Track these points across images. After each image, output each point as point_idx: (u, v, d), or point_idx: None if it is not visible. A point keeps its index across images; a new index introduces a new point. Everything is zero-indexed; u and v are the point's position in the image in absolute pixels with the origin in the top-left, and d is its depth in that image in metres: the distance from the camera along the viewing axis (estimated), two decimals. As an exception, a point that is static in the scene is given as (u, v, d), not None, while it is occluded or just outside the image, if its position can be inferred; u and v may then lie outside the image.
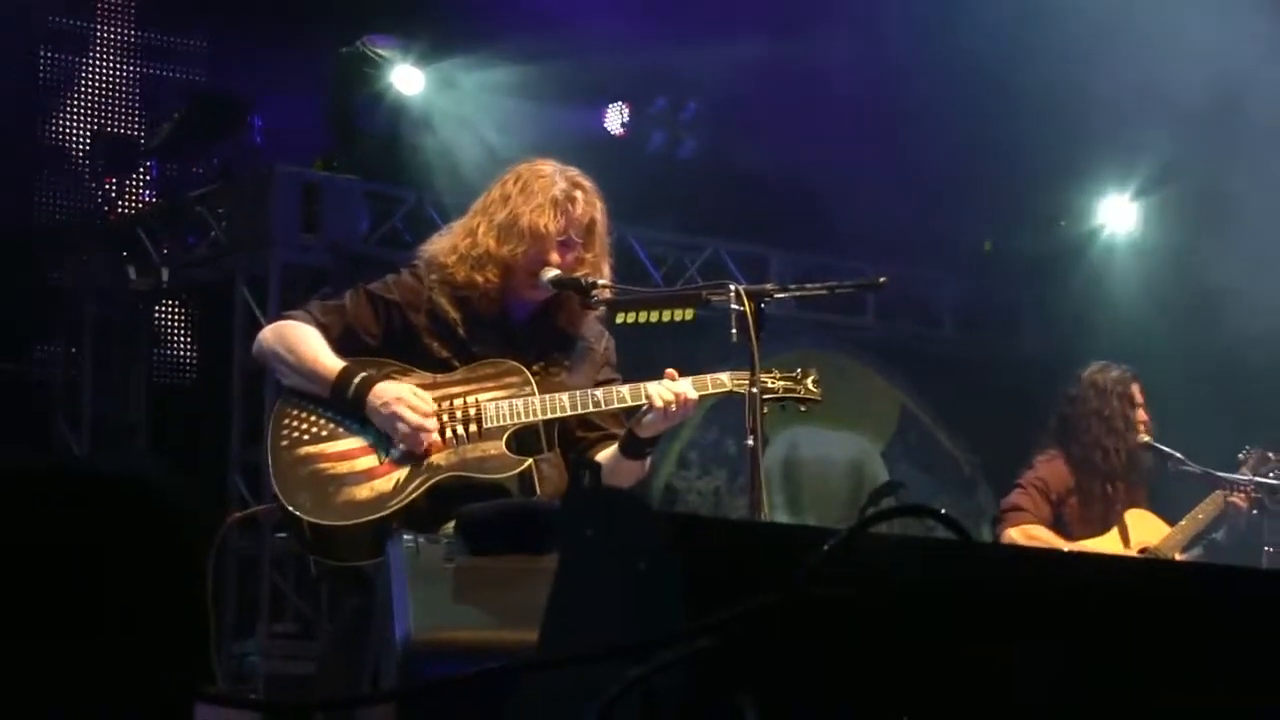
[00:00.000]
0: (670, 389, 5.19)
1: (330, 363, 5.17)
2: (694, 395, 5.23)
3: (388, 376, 5.19)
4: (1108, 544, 7.78)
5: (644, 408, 5.20)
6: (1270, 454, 7.95)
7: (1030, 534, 7.72)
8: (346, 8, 11.27)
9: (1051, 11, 9.66)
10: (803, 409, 5.52)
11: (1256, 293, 9.64)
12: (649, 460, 5.42)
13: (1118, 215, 12.30)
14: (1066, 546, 7.65)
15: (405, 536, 4.53)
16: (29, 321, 11.64)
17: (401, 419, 5.09)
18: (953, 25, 10.13)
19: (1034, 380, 10.71)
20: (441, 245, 5.39)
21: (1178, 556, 7.67)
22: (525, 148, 5.75)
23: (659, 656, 2.03)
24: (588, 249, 5.33)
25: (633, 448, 5.30)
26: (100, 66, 12.11)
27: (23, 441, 10.75)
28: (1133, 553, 7.72)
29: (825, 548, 2.08)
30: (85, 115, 12.01)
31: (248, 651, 9.46)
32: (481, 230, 5.29)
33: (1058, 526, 7.81)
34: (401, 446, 5.12)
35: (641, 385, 5.25)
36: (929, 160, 10.96)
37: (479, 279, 5.24)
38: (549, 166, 5.40)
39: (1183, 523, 7.83)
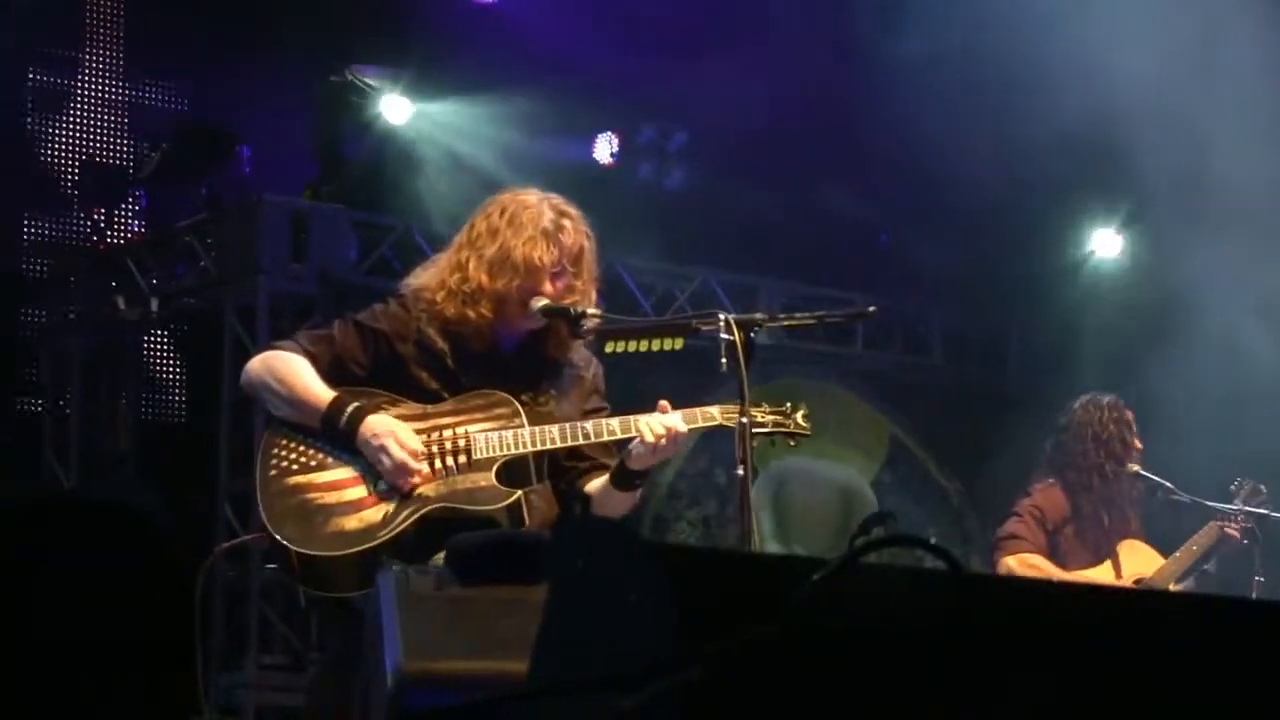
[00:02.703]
0: (661, 422, 5.17)
1: (321, 393, 5.15)
2: (684, 429, 5.20)
3: (378, 408, 5.17)
4: (1102, 574, 7.78)
5: (634, 440, 5.19)
6: (1261, 485, 7.96)
7: (1028, 562, 7.72)
8: (334, 37, 11.28)
9: (1045, 41, 9.67)
10: (792, 444, 5.51)
11: (1245, 321, 9.65)
12: (639, 491, 5.40)
13: (1105, 244, 12.31)
14: (1062, 576, 7.64)
15: (394, 567, 4.51)
16: (17, 352, 11.62)
17: (387, 453, 5.07)
18: (941, 55, 10.15)
19: (1021, 409, 10.71)
20: (428, 280, 5.36)
21: (1172, 587, 7.67)
22: (514, 177, 5.75)
23: (648, 688, 2.02)
24: (577, 277, 5.32)
25: (623, 479, 5.28)
26: (89, 96, 12.11)
27: (11, 472, 10.73)
28: (1127, 583, 7.72)
29: (815, 578, 2.08)
30: (74, 144, 12.01)
31: (237, 683, 9.42)
32: (472, 265, 5.26)
33: (1053, 555, 7.80)
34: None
35: (631, 418, 5.23)
36: (918, 189, 10.98)
37: (471, 314, 5.22)
38: (533, 196, 5.38)
39: (1178, 554, 7.83)
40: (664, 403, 5.25)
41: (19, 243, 11.80)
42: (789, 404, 5.48)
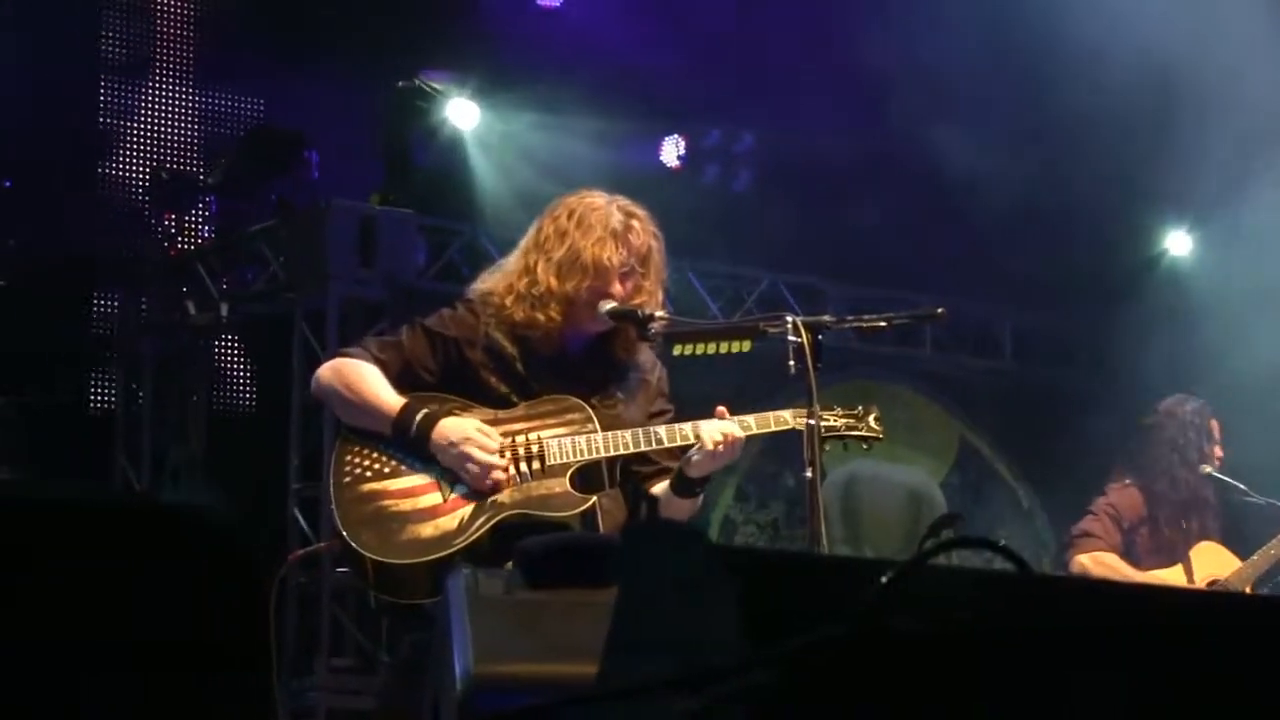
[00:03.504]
0: (720, 429, 5.17)
1: (391, 400, 5.16)
2: (741, 435, 5.19)
3: (449, 413, 5.17)
4: (1174, 576, 7.73)
5: (693, 448, 5.18)
6: None
7: (1101, 560, 7.69)
8: (402, 42, 11.33)
9: (1112, 44, 9.62)
10: (865, 447, 5.50)
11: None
12: (700, 498, 5.39)
13: (1177, 244, 12.23)
14: (1135, 575, 7.61)
15: (465, 570, 4.52)
16: (89, 356, 11.71)
17: (471, 458, 5.08)
18: (1007, 53, 10.11)
19: (1092, 410, 10.67)
20: (495, 284, 5.36)
21: (1248, 591, 7.61)
22: (581, 181, 5.72)
23: (715, 691, 2.02)
24: (645, 277, 5.31)
25: (683, 487, 5.27)
26: (159, 102, 12.20)
27: (84, 476, 10.81)
28: (1199, 585, 7.67)
29: (884, 580, 2.07)
30: (145, 151, 12.10)
31: (308, 686, 9.47)
32: (540, 268, 5.25)
33: (1128, 555, 7.76)
34: (467, 485, 5.11)
35: (694, 423, 5.23)
36: (985, 190, 10.93)
37: (541, 317, 5.22)
38: (600, 198, 5.38)
39: (1255, 557, 7.78)
40: (721, 408, 5.25)
41: (91, 249, 11.89)
42: (860, 407, 5.47)
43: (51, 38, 11.27)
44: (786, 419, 5.25)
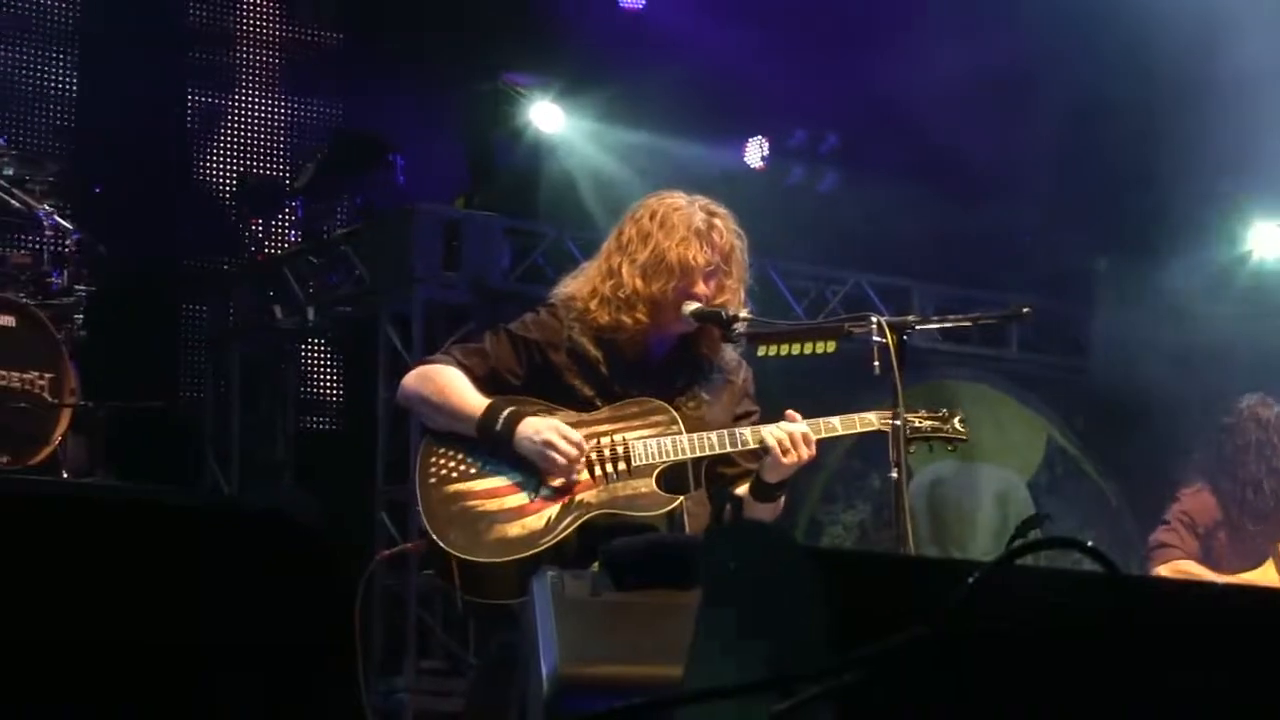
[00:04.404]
0: (782, 428, 5.16)
1: (476, 402, 5.18)
2: (809, 434, 5.18)
3: (534, 413, 5.19)
4: (1262, 576, 7.65)
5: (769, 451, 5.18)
6: None
7: (1180, 569, 7.60)
8: (485, 46, 11.37)
9: (1198, 41, 9.55)
10: (950, 448, 5.48)
11: None
12: (780, 502, 5.37)
13: (1266, 242, 12.10)
14: (1219, 580, 7.52)
15: (550, 572, 4.53)
16: (178, 361, 11.82)
17: (554, 447, 5.08)
18: (1088, 60, 10.06)
19: (1178, 410, 10.57)
20: (578, 288, 5.36)
21: (1336, 589, 7.53)
22: (667, 183, 5.71)
23: (804, 692, 2.02)
24: (728, 276, 5.31)
25: (761, 492, 5.27)
26: (245, 110, 12.30)
27: (174, 479, 10.90)
28: (1290, 585, 7.59)
29: (971, 580, 2.07)
30: (231, 158, 12.21)
31: (396, 688, 9.51)
32: (625, 270, 5.25)
33: (1207, 560, 7.68)
34: (552, 483, 5.12)
35: (764, 426, 5.24)
36: (1071, 190, 10.87)
37: (627, 320, 5.22)
38: (681, 198, 5.37)
39: None
40: (791, 412, 5.24)
41: (179, 254, 12.00)
42: (945, 409, 5.45)
43: (140, 47, 11.38)
44: (872, 421, 5.25)
